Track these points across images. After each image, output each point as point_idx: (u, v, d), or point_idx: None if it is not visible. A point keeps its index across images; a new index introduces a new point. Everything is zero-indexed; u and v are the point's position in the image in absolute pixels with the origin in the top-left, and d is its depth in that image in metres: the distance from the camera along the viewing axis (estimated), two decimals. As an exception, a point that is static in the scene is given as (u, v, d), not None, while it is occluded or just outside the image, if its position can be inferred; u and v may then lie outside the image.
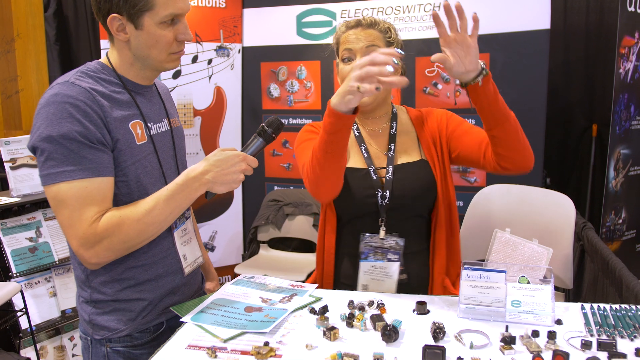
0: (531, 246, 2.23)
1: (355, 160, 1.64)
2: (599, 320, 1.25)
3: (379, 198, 1.57)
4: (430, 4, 3.31)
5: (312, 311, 1.33)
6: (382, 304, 1.35)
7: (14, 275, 2.72)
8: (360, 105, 1.57)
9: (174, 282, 1.45)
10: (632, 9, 2.89)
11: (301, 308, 1.36)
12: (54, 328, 2.88)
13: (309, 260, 3.56)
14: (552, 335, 1.15)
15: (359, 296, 1.42)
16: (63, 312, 2.90)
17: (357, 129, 1.69)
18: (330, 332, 1.20)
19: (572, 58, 3.41)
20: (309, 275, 3.26)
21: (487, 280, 1.30)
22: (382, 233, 1.57)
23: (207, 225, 3.78)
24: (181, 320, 1.31)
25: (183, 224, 1.48)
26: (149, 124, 1.41)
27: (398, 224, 1.59)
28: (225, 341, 1.20)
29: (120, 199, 1.32)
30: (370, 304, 1.35)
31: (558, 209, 2.26)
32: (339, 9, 3.57)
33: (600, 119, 3.35)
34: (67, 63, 4.13)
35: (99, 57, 3.69)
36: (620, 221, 3.09)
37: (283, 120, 1.44)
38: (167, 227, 1.35)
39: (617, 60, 2.85)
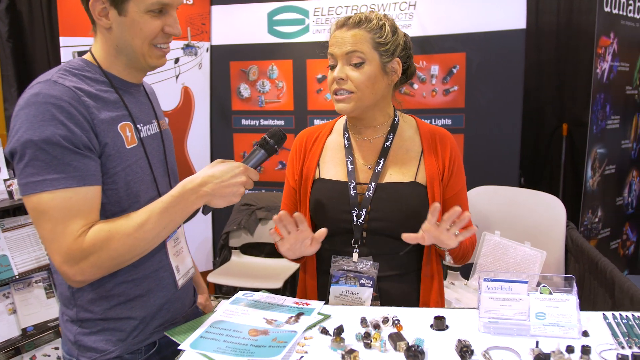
0: (523, 249, 2.19)
1: (336, 172, 1.50)
2: (625, 330, 1.20)
3: (354, 217, 1.44)
4: (406, 2, 3.25)
5: (324, 331, 1.22)
6: (398, 320, 1.25)
7: (-31, 292, 2.50)
8: (343, 113, 1.45)
9: (165, 297, 1.32)
10: (608, 9, 2.91)
11: (310, 328, 1.25)
12: (14, 348, 2.65)
13: (283, 266, 3.44)
14: (586, 350, 1.09)
15: (371, 312, 1.32)
16: (24, 330, 2.68)
17: (348, 138, 1.53)
18: (349, 355, 1.09)
19: (543, 58, 3.43)
20: (285, 282, 3.20)
21: (508, 291, 1.23)
22: (355, 256, 1.45)
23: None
24: (179, 348, 1.18)
25: (174, 232, 1.35)
26: (138, 126, 1.27)
27: (377, 246, 1.46)
28: (234, 370, 1.08)
29: (109, 208, 1.19)
30: (385, 320, 1.25)
31: (548, 210, 2.23)
32: (312, 7, 3.47)
33: (572, 118, 3.38)
34: (20, 61, 3.87)
35: (58, 55, 3.49)
36: (597, 220, 3.12)
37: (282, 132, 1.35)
38: (159, 242, 1.23)
39: (595, 61, 2.87)
